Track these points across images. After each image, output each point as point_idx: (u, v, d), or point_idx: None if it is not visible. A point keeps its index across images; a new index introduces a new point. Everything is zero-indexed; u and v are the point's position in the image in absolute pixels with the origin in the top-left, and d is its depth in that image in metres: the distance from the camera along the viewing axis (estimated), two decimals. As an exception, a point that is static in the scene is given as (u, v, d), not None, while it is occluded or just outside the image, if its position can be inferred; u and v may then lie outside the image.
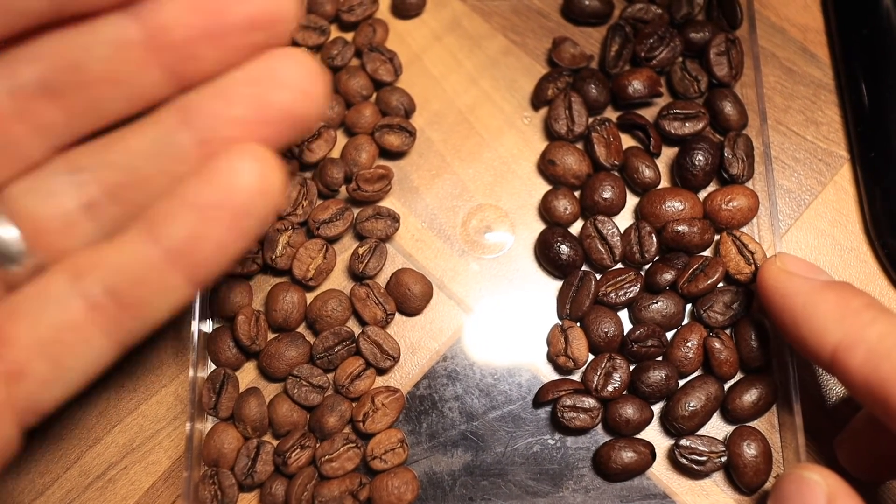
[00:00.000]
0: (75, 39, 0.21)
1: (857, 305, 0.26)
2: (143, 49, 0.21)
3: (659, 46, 0.35)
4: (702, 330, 0.32)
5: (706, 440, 0.31)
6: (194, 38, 0.21)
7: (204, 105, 0.22)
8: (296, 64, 0.21)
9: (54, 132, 0.22)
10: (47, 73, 0.21)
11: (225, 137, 0.21)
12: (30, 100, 0.21)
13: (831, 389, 0.33)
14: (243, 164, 0.20)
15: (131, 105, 0.22)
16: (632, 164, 0.34)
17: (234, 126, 0.21)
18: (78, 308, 0.21)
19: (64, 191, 0.22)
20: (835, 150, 0.36)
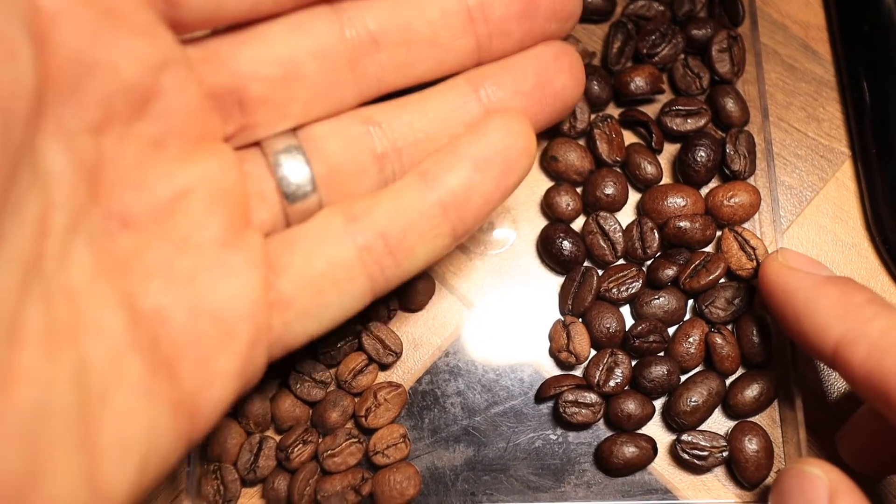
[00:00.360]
0: (411, 1, 0.24)
1: (858, 301, 0.26)
2: (464, 18, 0.24)
3: (661, 43, 0.35)
4: (703, 325, 0.32)
5: (708, 435, 0.31)
6: (509, 17, 0.24)
7: (496, 78, 0.24)
8: (570, 54, 0.25)
9: (368, 82, 0.24)
10: (380, 25, 0.23)
11: (509, 109, 0.24)
12: (359, 48, 0.23)
13: (833, 385, 0.33)
14: (513, 126, 0.23)
15: (438, 69, 0.24)
16: (634, 161, 0.34)
17: (520, 100, 0.24)
18: (349, 248, 0.22)
19: (361, 140, 0.24)
20: (836, 147, 0.36)
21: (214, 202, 0.21)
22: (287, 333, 0.22)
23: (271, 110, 0.23)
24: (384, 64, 0.24)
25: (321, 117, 0.24)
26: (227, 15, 0.21)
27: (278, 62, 0.22)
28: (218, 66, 0.22)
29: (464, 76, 0.25)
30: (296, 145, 0.23)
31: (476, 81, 0.24)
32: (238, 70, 0.22)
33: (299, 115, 0.23)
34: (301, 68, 0.22)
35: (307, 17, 0.23)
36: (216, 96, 0.22)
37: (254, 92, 0.22)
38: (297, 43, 0.22)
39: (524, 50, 0.25)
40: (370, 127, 0.24)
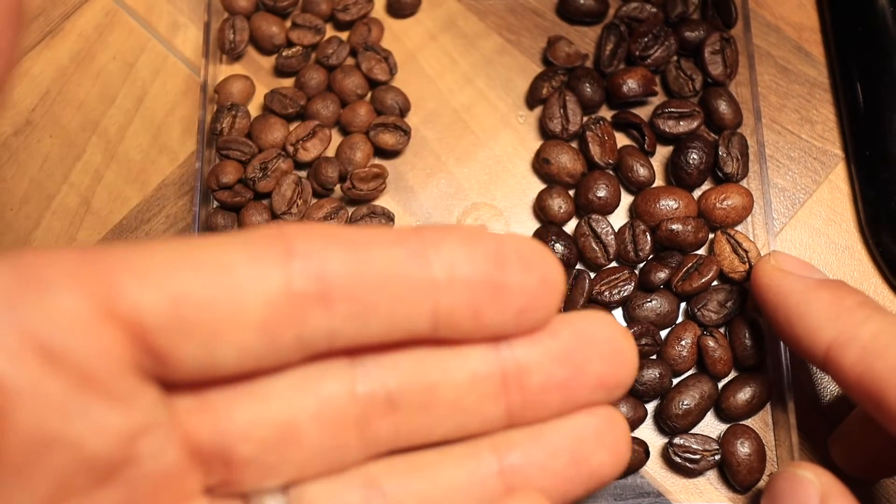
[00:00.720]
0: (438, 362, 0.20)
1: (850, 304, 0.26)
2: (497, 385, 0.20)
3: (654, 45, 0.35)
4: (696, 328, 0.32)
5: (700, 438, 0.31)
6: (549, 387, 0.21)
7: (525, 450, 0.21)
8: (615, 425, 0.21)
9: (376, 443, 0.21)
10: (399, 387, 0.20)
11: (532, 487, 0.21)
12: (372, 409, 0.20)
13: (825, 388, 0.33)
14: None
15: (459, 432, 0.21)
16: (626, 163, 0.34)
17: (548, 477, 0.21)
18: None
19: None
20: (829, 149, 0.36)
21: None
22: None
23: (260, 470, 0.20)
24: (399, 425, 0.21)
25: (318, 475, 0.21)
26: (225, 373, 0.19)
27: (274, 424, 0.20)
28: (207, 419, 0.19)
29: (489, 442, 0.21)
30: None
31: (501, 449, 0.21)
32: (228, 428, 0.19)
33: (292, 474, 0.20)
34: (299, 431, 0.20)
35: (317, 372, 0.20)
36: (200, 452, 0.19)
37: (242, 453, 0.19)
38: (298, 403, 0.20)
39: (562, 416, 0.21)
40: (372, 494, 0.21)
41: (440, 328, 0.19)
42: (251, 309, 0.18)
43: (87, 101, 0.37)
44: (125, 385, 0.17)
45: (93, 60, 0.38)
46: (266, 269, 0.18)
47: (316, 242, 0.18)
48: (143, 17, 0.39)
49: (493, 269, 0.19)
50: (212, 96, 0.36)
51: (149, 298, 0.17)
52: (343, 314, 0.19)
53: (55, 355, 0.16)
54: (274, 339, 0.18)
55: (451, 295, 0.19)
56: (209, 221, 0.34)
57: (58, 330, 0.16)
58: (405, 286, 0.19)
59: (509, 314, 0.20)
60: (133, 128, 0.37)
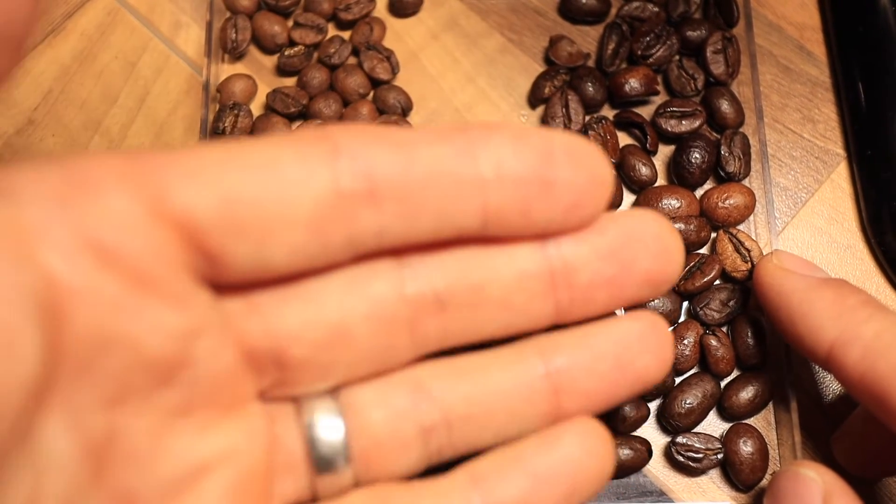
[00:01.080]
0: (485, 261, 0.20)
1: (853, 303, 0.26)
2: (545, 282, 0.20)
3: (656, 44, 0.35)
4: (698, 327, 0.32)
5: (702, 437, 0.31)
6: (596, 284, 0.21)
7: (571, 353, 0.21)
8: (659, 331, 0.21)
9: (426, 343, 0.21)
10: (448, 286, 0.20)
11: (578, 391, 0.21)
12: (421, 309, 0.20)
13: (828, 387, 0.33)
14: (589, 441, 0.20)
15: (507, 330, 0.21)
16: (628, 162, 0.34)
17: (593, 381, 0.21)
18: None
19: (408, 411, 0.21)
20: (831, 148, 0.36)
21: (233, 484, 0.19)
22: None
23: (312, 372, 0.20)
24: (447, 324, 0.21)
25: (368, 377, 0.21)
26: (275, 273, 0.19)
27: (326, 325, 0.20)
28: (259, 323, 0.19)
29: (535, 346, 0.21)
30: (335, 410, 0.21)
31: (548, 352, 0.21)
32: (280, 330, 0.19)
33: (343, 376, 0.20)
34: (351, 331, 0.20)
35: (366, 272, 0.20)
36: (253, 355, 0.19)
37: (295, 354, 0.20)
38: (350, 304, 0.20)
39: (607, 320, 0.21)
40: (421, 396, 0.21)
41: (489, 225, 0.19)
42: (300, 207, 0.18)
43: (89, 101, 0.37)
44: (179, 285, 0.18)
45: (95, 60, 0.38)
46: (314, 168, 0.18)
47: (362, 141, 0.18)
48: (145, 17, 0.39)
49: (541, 166, 0.19)
50: (214, 95, 0.36)
51: (199, 198, 0.17)
52: (391, 212, 0.19)
53: (110, 254, 0.16)
54: (324, 237, 0.18)
55: (499, 192, 0.19)
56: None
57: (111, 229, 0.16)
58: (453, 183, 0.19)
59: (558, 211, 0.20)
60: (135, 127, 0.37)
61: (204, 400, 0.18)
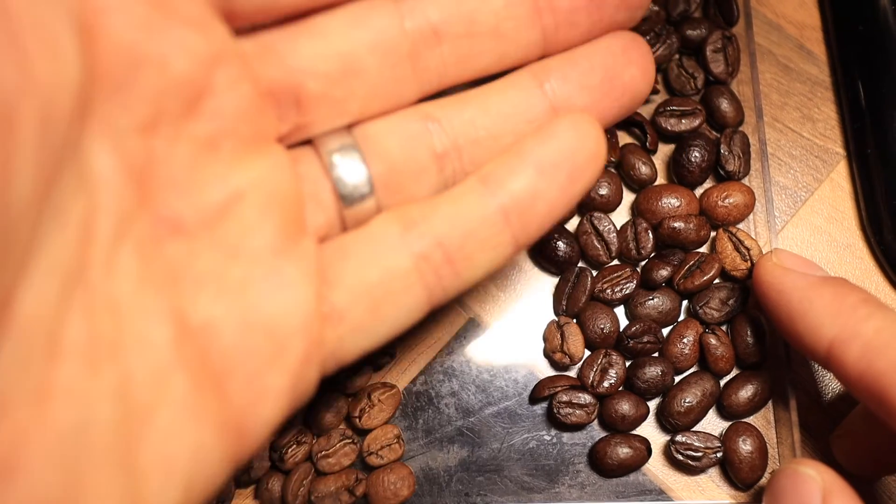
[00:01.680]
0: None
1: (852, 301, 0.26)
2: (530, 8, 0.22)
3: (655, 43, 0.35)
4: (698, 326, 0.32)
5: (702, 436, 0.31)
6: (578, 6, 0.23)
7: (562, 72, 0.23)
8: (640, 45, 0.24)
9: (428, 77, 0.22)
10: (443, 16, 0.22)
11: (574, 106, 0.23)
12: (420, 41, 0.22)
13: (827, 385, 0.33)
14: (582, 128, 0.22)
15: (501, 61, 0.23)
16: (628, 161, 0.34)
17: (586, 95, 0.23)
18: (406, 256, 0.21)
19: (419, 138, 0.22)
20: (831, 147, 0.36)
21: (268, 207, 0.20)
22: (340, 348, 0.21)
23: (329, 107, 0.21)
24: (445, 57, 0.22)
25: (379, 114, 0.22)
26: (285, 5, 0.20)
27: (337, 57, 0.21)
28: (273, 61, 0.21)
29: (528, 70, 0.23)
30: (352, 144, 0.22)
31: (541, 75, 0.23)
32: (295, 66, 0.21)
33: (357, 111, 0.22)
34: (360, 63, 0.21)
35: (366, 7, 0.21)
36: (272, 93, 0.21)
37: (311, 89, 0.21)
38: (356, 36, 0.21)
39: (591, 41, 0.23)
40: (429, 124, 0.22)
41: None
42: None
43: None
44: (198, 10, 0.19)
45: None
46: None
47: None
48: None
49: None
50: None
51: None
52: None
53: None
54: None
55: None
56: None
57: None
58: None
59: None
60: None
61: (230, 133, 0.19)
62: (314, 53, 0.21)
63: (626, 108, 0.24)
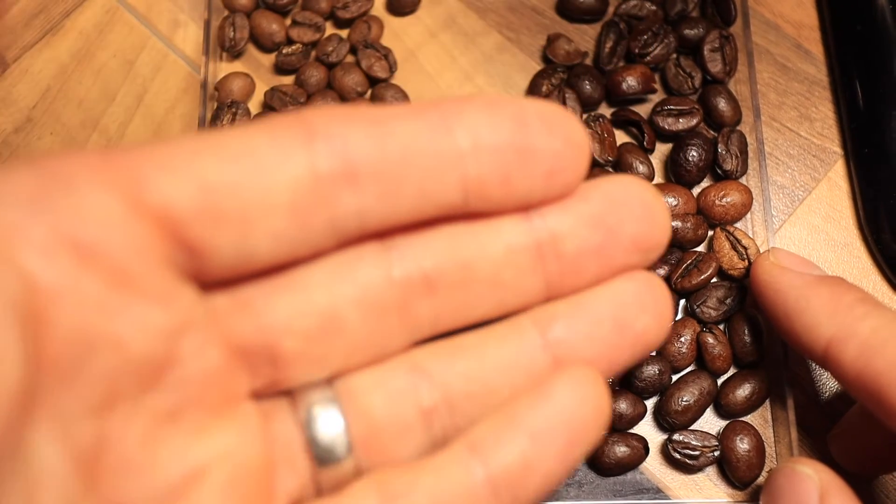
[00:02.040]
0: (472, 237, 0.20)
1: (850, 300, 0.26)
2: (532, 255, 0.20)
3: (653, 43, 0.35)
4: (695, 325, 0.32)
5: (699, 435, 0.31)
6: (584, 253, 0.20)
7: (567, 321, 0.21)
8: (655, 289, 0.21)
9: (419, 326, 0.20)
10: (435, 266, 0.20)
11: (579, 358, 0.20)
12: (411, 291, 0.20)
13: (824, 384, 0.33)
14: (582, 389, 0.20)
15: (499, 308, 0.21)
16: (626, 160, 0.34)
17: (593, 347, 0.20)
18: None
19: (406, 392, 0.20)
20: (829, 147, 0.36)
21: (232, 483, 0.18)
22: None
23: (307, 364, 0.20)
24: (438, 306, 0.20)
25: (363, 365, 0.21)
26: (260, 264, 0.18)
27: (317, 313, 0.19)
28: (247, 318, 0.19)
29: (530, 316, 0.21)
30: (332, 399, 0.20)
31: (543, 323, 0.21)
32: (270, 323, 0.19)
33: (338, 366, 0.20)
34: (342, 319, 0.19)
35: (352, 257, 0.20)
36: (244, 352, 0.19)
37: (287, 347, 0.19)
38: (338, 290, 0.19)
39: (600, 283, 0.21)
40: (418, 377, 0.20)
41: (471, 199, 0.19)
42: (279, 192, 0.18)
43: (87, 99, 0.37)
44: (162, 281, 0.17)
45: (93, 58, 0.38)
46: (290, 152, 0.18)
47: (337, 123, 0.18)
48: (143, 15, 0.39)
49: (517, 134, 0.19)
50: (212, 94, 0.36)
51: (177, 189, 0.17)
52: (372, 193, 0.18)
53: (89, 252, 0.16)
54: (305, 222, 0.18)
55: (478, 163, 0.19)
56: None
57: (89, 226, 0.16)
58: (430, 158, 0.18)
59: (538, 178, 0.19)
60: (133, 125, 0.37)
61: (194, 401, 0.18)
62: (292, 310, 0.19)
63: (637, 357, 0.21)
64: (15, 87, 0.38)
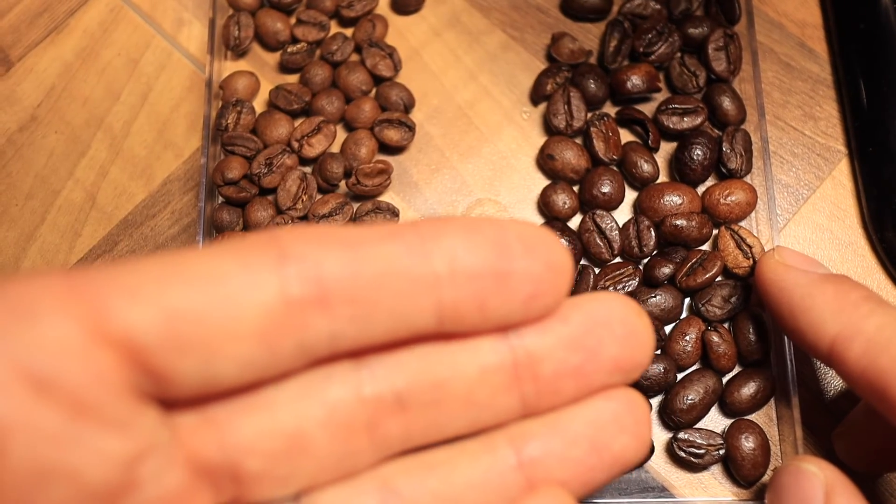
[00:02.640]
0: (445, 356, 0.20)
1: (854, 298, 0.26)
2: (508, 375, 0.20)
3: (657, 42, 0.35)
4: (700, 323, 0.32)
5: (704, 433, 0.31)
6: (562, 374, 0.20)
7: (542, 440, 0.20)
8: (635, 408, 0.21)
9: (388, 444, 0.20)
10: (407, 385, 0.19)
11: (553, 478, 0.20)
12: (381, 410, 0.19)
13: (829, 382, 0.33)
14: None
15: (472, 426, 0.20)
16: (630, 159, 0.34)
17: (568, 468, 0.20)
18: None
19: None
20: (833, 145, 0.36)
21: None
22: None
23: (271, 483, 0.19)
24: (410, 424, 0.20)
25: (331, 482, 0.20)
26: (225, 387, 0.18)
27: (281, 434, 0.19)
28: (212, 436, 0.19)
29: (504, 434, 0.20)
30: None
31: (518, 441, 0.20)
32: (234, 443, 0.19)
33: (304, 483, 0.20)
34: (308, 438, 0.19)
35: (321, 377, 0.19)
36: (207, 470, 0.19)
37: (251, 466, 0.19)
38: (306, 411, 0.19)
39: (578, 402, 0.21)
40: (388, 495, 0.20)
41: (445, 323, 0.19)
42: (248, 319, 0.17)
43: (92, 98, 0.37)
44: (122, 409, 0.17)
45: (98, 57, 0.38)
46: (260, 276, 0.17)
47: (310, 245, 0.18)
48: (147, 14, 0.39)
49: (496, 258, 0.19)
50: (217, 92, 0.36)
51: (141, 316, 0.17)
52: (344, 316, 0.18)
53: (47, 384, 0.16)
54: (274, 347, 0.18)
55: (454, 288, 0.18)
56: (214, 217, 0.34)
57: (48, 358, 0.16)
58: (406, 282, 0.18)
59: (516, 303, 0.19)
60: (138, 124, 0.37)
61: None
62: (256, 429, 0.19)
63: (615, 476, 0.21)
64: (19, 86, 0.38)
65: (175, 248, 0.35)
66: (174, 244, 0.35)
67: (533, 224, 0.19)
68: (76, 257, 0.35)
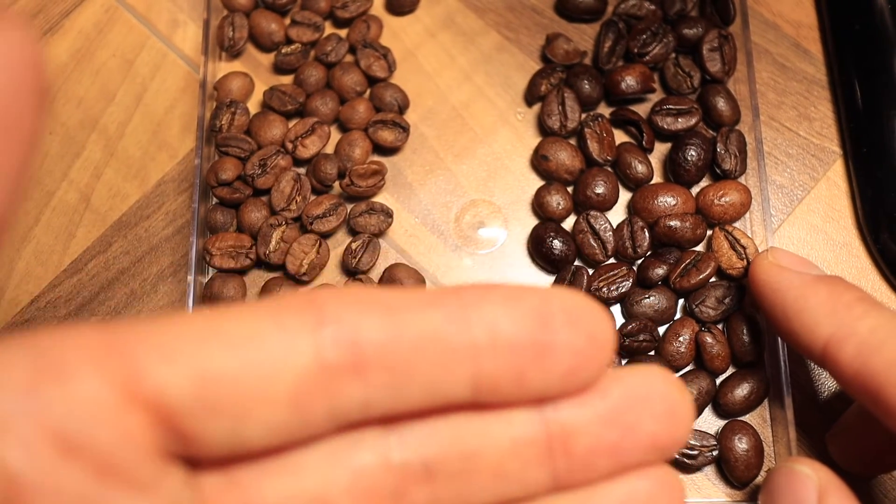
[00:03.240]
0: (477, 427, 0.19)
1: (848, 299, 0.26)
2: (541, 449, 0.19)
3: (652, 42, 0.35)
4: (694, 324, 0.32)
5: (698, 434, 0.31)
6: (597, 451, 0.19)
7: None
8: (670, 488, 0.20)
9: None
10: (437, 455, 0.19)
11: None
12: (408, 479, 0.19)
13: (823, 384, 0.33)
14: None
15: (500, 498, 0.20)
16: (624, 160, 0.34)
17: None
18: None
19: None
20: (827, 146, 0.36)
21: None
22: None
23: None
24: (436, 495, 0.19)
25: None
26: (253, 449, 0.18)
27: (305, 499, 0.19)
28: (236, 498, 0.18)
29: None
30: None
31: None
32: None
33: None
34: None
35: (350, 442, 0.19)
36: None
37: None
38: (330, 476, 0.19)
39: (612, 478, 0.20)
40: None
41: (481, 393, 0.18)
42: (281, 383, 0.17)
43: (86, 99, 0.37)
44: (149, 470, 0.17)
45: (92, 58, 0.38)
46: (296, 340, 0.17)
47: (348, 308, 0.17)
48: (142, 15, 0.39)
49: (537, 329, 0.18)
50: (211, 93, 0.36)
51: (173, 378, 0.16)
52: (378, 383, 0.18)
53: (74, 446, 0.16)
54: (305, 413, 0.17)
55: (493, 358, 0.18)
56: (208, 218, 0.34)
57: (77, 420, 0.16)
58: (444, 351, 0.18)
59: (555, 376, 0.18)
60: (132, 125, 0.37)
61: None
62: (281, 493, 0.19)
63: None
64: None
65: (168, 248, 0.35)
66: (168, 245, 0.35)
67: (577, 294, 0.19)
68: (70, 258, 0.35)
